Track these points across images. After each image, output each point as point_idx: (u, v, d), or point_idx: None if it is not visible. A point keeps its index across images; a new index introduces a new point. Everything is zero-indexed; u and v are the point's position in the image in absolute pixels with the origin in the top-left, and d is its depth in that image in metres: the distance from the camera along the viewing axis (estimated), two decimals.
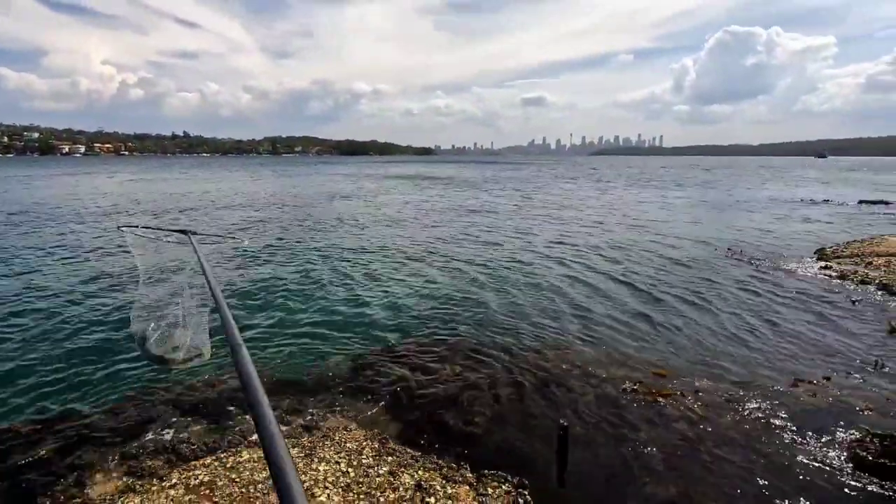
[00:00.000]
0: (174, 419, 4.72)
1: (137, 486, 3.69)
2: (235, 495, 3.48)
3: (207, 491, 3.58)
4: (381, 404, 5.17)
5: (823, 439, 4.57)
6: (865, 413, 5.01)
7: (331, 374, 5.91)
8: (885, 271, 10.51)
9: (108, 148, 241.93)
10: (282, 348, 6.71)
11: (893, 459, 4.32)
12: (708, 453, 4.33)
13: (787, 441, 4.54)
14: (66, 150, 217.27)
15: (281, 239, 15.07)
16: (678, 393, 5.36)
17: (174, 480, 3.72)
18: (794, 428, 4.75)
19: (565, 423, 2.05)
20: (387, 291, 9.46)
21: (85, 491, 3.69)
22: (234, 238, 4.62)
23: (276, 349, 6.67)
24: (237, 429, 4.56)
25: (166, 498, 3.50)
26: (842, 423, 4.83)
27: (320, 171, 71.92)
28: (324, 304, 8.69)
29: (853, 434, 4.69)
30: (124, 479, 3.82)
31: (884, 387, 5.62)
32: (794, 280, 10.32)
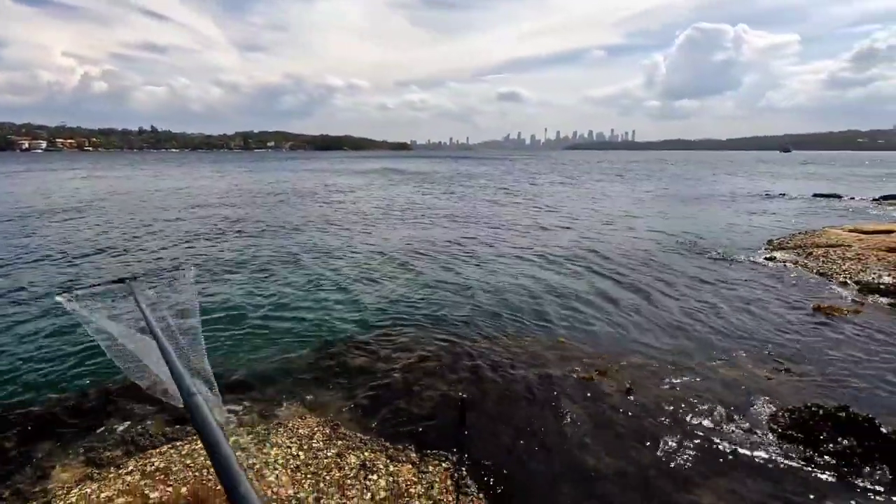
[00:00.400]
0: (132, 411, 4.89)
1: (95, 475, 3.88)
2: (189, 478, 3.71)
3: (162, 476, 3.80)
4: (336, 392, 5.42)
5: (741, 413, 5.03)
6: (779, 388, 5.50)
7: (292, 364, 6.14)
8: (822, 261, 11.21)
9: (71, 143, 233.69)
10: (245, 340, 6.90)
11: (800, 430, 4.82)
12: (634, 421, 4.73)
13: (707, 413, 4.97)
14: (27, 145, 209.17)
15: (248, 237, 15.09)
16: (615, 370, 5.78)
17: (130, 468, 3.92)
18: (716, 402, 5.20)
19: (464, 395, 2.35)
20: (352, 286, 9.69)
21: (45, 480, 3.86)
22: (178, 270, 4.55)
23: (240, 341, 6.85)
24: None
25: (123, 483, 3.70)
26: (761, 397, 5.30)
27: (293, 168, 71.15)
28: (289, 297, 8.88)
29: (769, 408, 5.17)
30: (82, 468, 4.00)
31: (799, 365, 6.13)
32: (740, 270, 10.92)
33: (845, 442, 4.56)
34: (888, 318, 7.74)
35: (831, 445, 4.53)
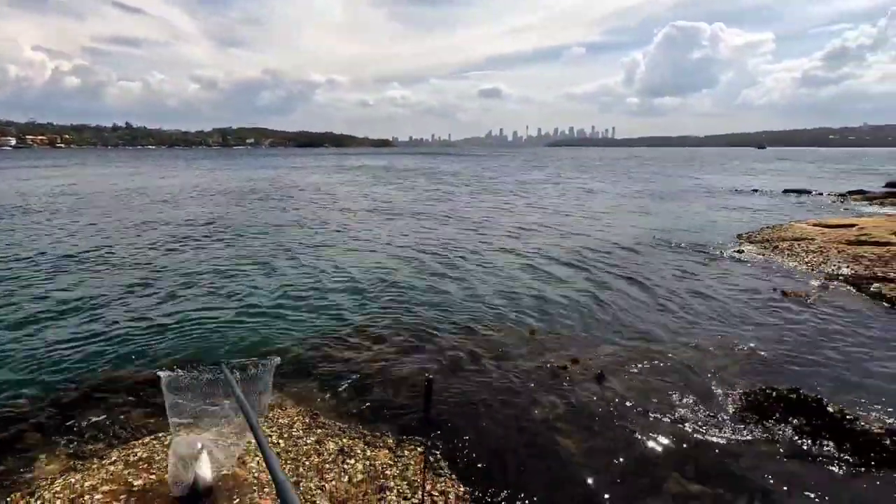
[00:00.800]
0: (115, 404, 4.97)
1: (79, 465, 3.98)
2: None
3: (146, 465, 3.92)
4: (317, 384, 5.57)
5: (703, 395, 5.33)
6: (739, 370, 5.83)
7: (275, 356, 6.24)
8: (787, 254, 11.69)
9: (42, 140, 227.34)
10: (231, 333, 7.01)
11: (755, 411, 5.13)
12: (603, 405, 4.99)
13: (672, 397, 5.26)
14: None
15: (229, 236, 15.05)
16: (587, 358, 6.04)
17: (114, 458, 4.03)
18: (681, 385, 5.50)
19: (430, 377, 2.54)
20: (334, 282, 9.82)
21: (29, 471, 3.94)
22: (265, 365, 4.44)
23: (225, 334, 6.95)
24: None
25: (106, 472, 3.81)
26: (722, 380, 5.62)
27: (274, 165, 70.44)
28: (274, 293, 8.99)
29: (728, 390, 5.48)
30: (66, 459, 4.09)
31: (759, 349, 6.48)
32: (710, 263, 11.33)
33: (795, 421, 4.89)
34: (847, 304, 8.17)
35: (783, 424, 4.85)
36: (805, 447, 4.52)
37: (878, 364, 6.10)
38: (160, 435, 4.37)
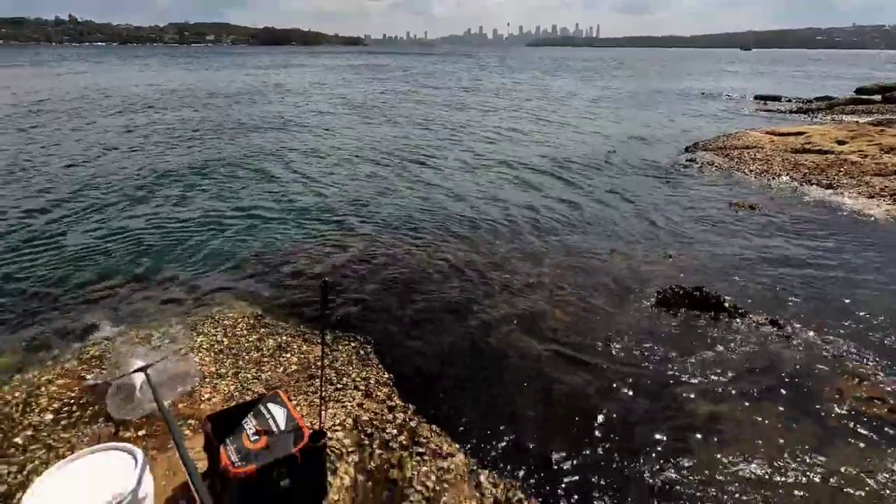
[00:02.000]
0: (72, 307, 5.28)
1: (36, 361, 4.33)
2: None
3: (98, 363, 4.29)
4: (266, 289, 5.91)
5: (626, 292, 5.90)
6: (662, 273, 6.39)
7: (228, 264, 6.54)
8: (736, 161, 12.07)
9: None
10: (190, 241, 7.26)
11: (663, 304, 5.72)
12: (540, 304, 5.51)
13: (600, 294, 5.80)
14: None
15: (198, 140, 14.64)
16: (525, 272, 6.51)
17: (68, 356, 4.38)
18: (610, 284, 6.06)
19: (326, 280, 2.84)
20: (304, 186, 10.02)
21: None
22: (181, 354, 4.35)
23: (185, 241, 7.20)
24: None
25: (62, 369, 4.18)
26: (644, 281, 6.18)
27: (240, 63, 66.17)
28: (245, 200, 9.17)
29: (646, 288, 6.05)
30: (23, 354, 4.43)
31: (685, 254, 7.03)
32: (660, 173, 11.67)
33: (695, 312, 5.52)
34: (778, 214, 8.72)
35: (683, 312, 5.50)
36: (699, 328, 5.17)
37: (786, 269, 6.70)
38: (112, 339, 4.70)
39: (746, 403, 4.03)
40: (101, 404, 3.66)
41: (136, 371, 3.49)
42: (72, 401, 3.75)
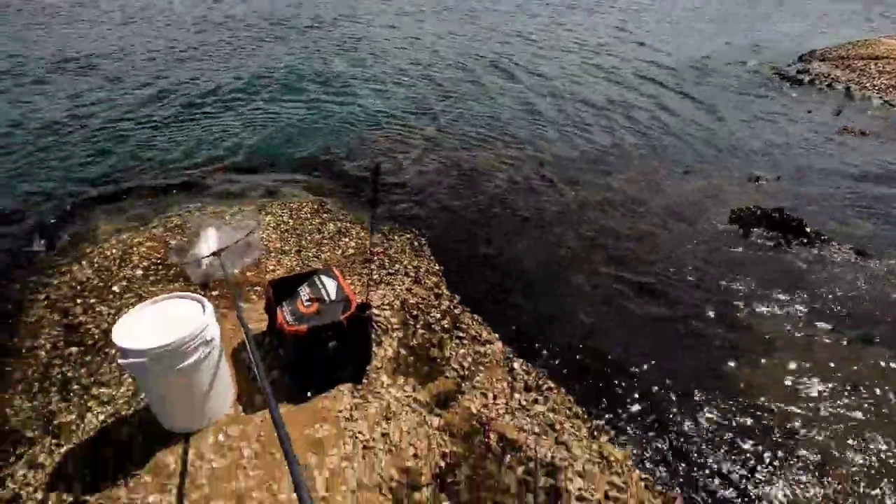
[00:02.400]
0: (157, 188, 5.78)
1: (130, 227, 4.85)
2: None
3: (180, 230, 4.73)
4: (331, 178, 6.15)
5: (698, 210, 5.63)
6: (741, 196, 5.94)
7: (298, 153, 6.80)
8: (858, 74, 10.48)
9: None
10: (262, 130, 7.55)
11: (738, 223, 5.38)
12: (611, 211, 5.38)
13: (674, 211, 5.56)
14: None
15: (255, 40, 14.67)
16: (606, 177, 6.26)
17: (155, 223, 4.86)
18: (685, 202, 5.79)
19: (379, 162, 2.88)
20: (374, 85, 9.93)
21: (95, 231, 4.85)
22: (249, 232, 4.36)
23: (257, 130, 7.49)
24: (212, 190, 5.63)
25: (150, 234, 4.65)
26: (721, 201, 5.81)
27: None
28: (308, 96, 9.23)
29: (721, 209, 5.70)
30: (120, 223, 4.97)
31: (775, 178, 6.44)
32: (763, 82, 10.40)
33: (773, 233, 5.17)
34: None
35: (762, 232, 5.18)
36: (779, 249, 4.88)
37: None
38: (189, 206, 5.15)
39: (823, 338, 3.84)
40: (182, 266, 4.10)
41: (211, 255, 3.84)
42: (158, 261, 4.21)
